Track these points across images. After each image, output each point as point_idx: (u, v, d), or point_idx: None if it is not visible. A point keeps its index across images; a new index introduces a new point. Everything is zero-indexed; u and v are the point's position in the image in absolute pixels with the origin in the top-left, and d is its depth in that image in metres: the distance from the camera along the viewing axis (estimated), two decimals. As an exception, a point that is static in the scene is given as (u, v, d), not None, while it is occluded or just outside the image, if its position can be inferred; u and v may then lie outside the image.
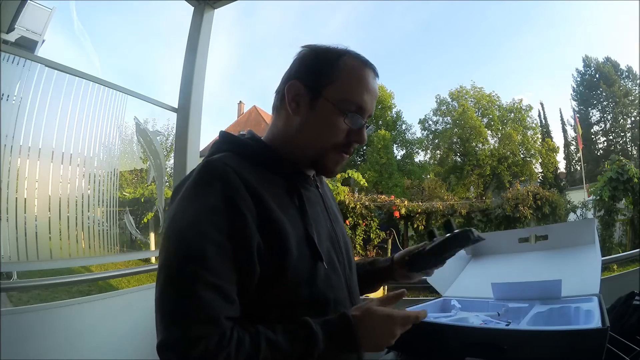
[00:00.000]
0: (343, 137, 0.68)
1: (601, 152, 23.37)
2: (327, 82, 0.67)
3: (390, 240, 8.30)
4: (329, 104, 0.66)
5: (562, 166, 24.85)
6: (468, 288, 1.17)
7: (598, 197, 8.21)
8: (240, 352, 0.52)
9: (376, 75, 0.71)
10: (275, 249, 0.58)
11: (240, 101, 27.33)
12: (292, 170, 0.69)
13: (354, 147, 0.70)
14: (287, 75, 0.71)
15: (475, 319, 0.84)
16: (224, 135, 0.71)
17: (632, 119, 22.39)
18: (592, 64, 24.14)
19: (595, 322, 0.65)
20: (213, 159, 0.62)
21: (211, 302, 0.52)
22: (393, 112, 24.06)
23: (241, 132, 0.74)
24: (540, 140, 22.42)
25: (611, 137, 23.81)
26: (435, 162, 23.81)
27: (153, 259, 3.62)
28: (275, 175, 0.66)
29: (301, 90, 0.68)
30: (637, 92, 22.09)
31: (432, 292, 1.32)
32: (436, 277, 1.21)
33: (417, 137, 24.43)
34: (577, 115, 22.45)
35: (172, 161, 2.07)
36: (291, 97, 0.68)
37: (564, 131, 25.71)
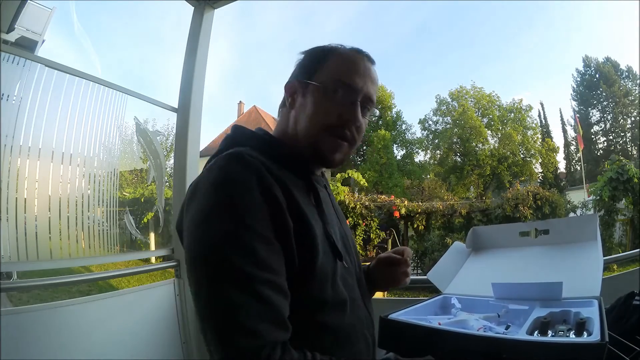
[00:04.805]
0: (335, 118, 0.65)
1: (601, 152, 23.37)
2: (317, 70, 0.68)
3: (390, 240, 8.30)
4: (318, 87, 0.66)
5: (562, 166, 24.89)
6: (468, 285, 1.16)
7: (598, 197, 8.21)
8: None
9: (370, 61, 0.70)
10: (304, 243, 0.56)
11: (240, 101, 27.31)
12: (305, 168, 0.68)
13: (349, 129, 0.66)
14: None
15: (475, 323, 0.84)
16: (239, 129, 0.69)
17: (632, 119, 22.40)
18: (592, 64, 24.15)
19: (595, 334, 0.65)
20: (238, 151, 0.58)
21: (275, 301, 0.48)
22: (393, 112, 24.07)
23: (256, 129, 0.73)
24: (540, 140, 22.43)
25: (611, 137, 23.81)
26: (435, 162, 23.80)
27: (153, 259, 3.62)
28: (290, 173, 0.64)
29: (296, 86, 0.70)
30: (637, 92, 22.09)
31: (432, 291, 1.32)
32: (436, 274, 1.21)
33: (417, 137, 24.47)
34: (577, 115, 22.44)
35: (172, 161, 2.07)
36: (289, 94, 0.71)
37: (564, 131, 25.77)
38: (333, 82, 0.66)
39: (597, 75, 23.62)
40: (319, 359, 0.54)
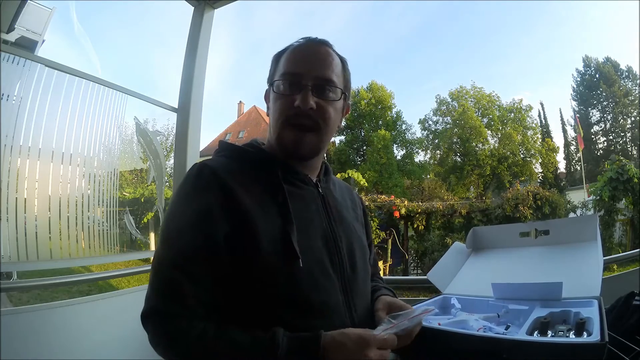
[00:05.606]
0: (289, 109, 0.67)
1: (601, 152, 23.37)
2: (274, 73, 0.72)
3: (390, 240, 8.29)
4: (272, 87, 0.71)
5: (562, 166, 24.89)
6: (468, 285, 1.16)
7: (598, 197, 8.22)
8: (200, 341, 0.57)
9: (320, 43, 0.72)
10: (244, 241, 0.60)
11: (240, 101, 27.40)
12: (280, 168, 0.69)
13: (306, 115, 0.67)
14: None
15: (475, 323, 0.84)
16: (220, 144, 0.76)
17: (632, 119, 22.40)
18: (592, 64, 24.14)
19: (595, 334, 0.65)
20: (202, 161, 0.68)
21: (180, 283, 0.59)
22: (393, 112, 24.07)
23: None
24: (540, 140, 22.43)
25: (611, 137, 23.81)
26: (435, 162, 23.80)
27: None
28: (264, 174, 0.68)
29: (267, 94, 0.75)
30: (637, 92, 22.10)
31: (432, 291, 1.32)
32: (436, 274, 1.21)
33: (417, 137, 24.47)
34: (577, 115, 22.44)
35: (172, 161, 2.07)
36: (266, 103, 0.76)
37: (564, 131, 25.76)
38: (281, 77, 0.69)
39: (597, 75, 23.60)
40: (212, 332, 0.58)
